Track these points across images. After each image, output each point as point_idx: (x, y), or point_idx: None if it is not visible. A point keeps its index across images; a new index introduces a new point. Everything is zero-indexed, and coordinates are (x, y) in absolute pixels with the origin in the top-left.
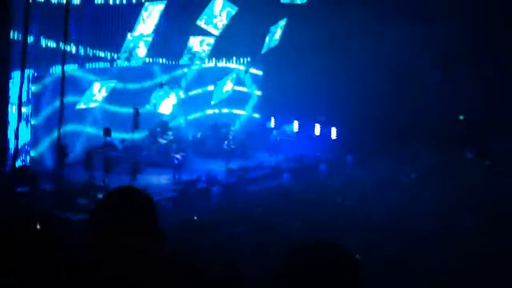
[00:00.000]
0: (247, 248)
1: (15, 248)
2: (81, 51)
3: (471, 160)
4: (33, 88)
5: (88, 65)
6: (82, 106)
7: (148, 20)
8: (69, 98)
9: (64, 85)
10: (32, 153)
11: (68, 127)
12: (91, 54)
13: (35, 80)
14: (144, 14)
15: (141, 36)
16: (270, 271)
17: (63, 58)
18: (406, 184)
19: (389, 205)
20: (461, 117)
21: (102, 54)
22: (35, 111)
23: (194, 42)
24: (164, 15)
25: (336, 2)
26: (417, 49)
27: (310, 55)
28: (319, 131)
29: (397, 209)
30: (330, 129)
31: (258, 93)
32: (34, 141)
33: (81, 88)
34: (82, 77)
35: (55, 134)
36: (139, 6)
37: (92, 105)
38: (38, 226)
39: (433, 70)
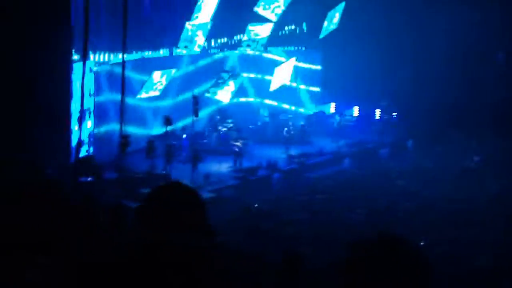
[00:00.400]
0: (309, 235)
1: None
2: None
3: None
4: (94, 76)
5: (148, 55)
6: (143, 95)
7: (206, 8)
8: (130, 88)
9: (125, 74)
10: (96, 143)
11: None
12: (150, 43)
13: (96, 71)
14: (201, 1)
15: (199, 24)
16: (331, 260)
17: (123, 47)
18: (469, 168)
19: (451, 190)
20: None
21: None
22: (98, 99)
23: (253, 29)
24: (221, 2)
25: None
26: (479, 31)
27: (369, 40)
28: (380, 115)
29: (460, 195)
30: (391, 114)
31: (317, 89)
32: (97, 131)
33: (140, 78)
34: (142, 67)
35: (117, 123)
36: None
37: (152, 93)
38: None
39: (496, 51)
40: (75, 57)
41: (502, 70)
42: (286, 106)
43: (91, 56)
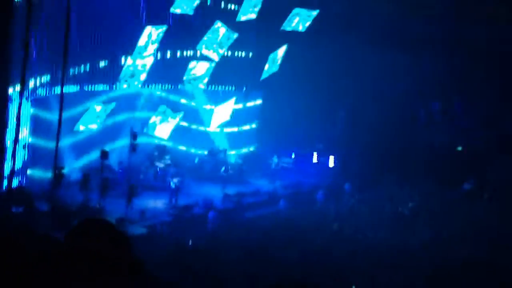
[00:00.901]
0: (240, 276)
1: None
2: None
3: (469, 191)
4: (31, 109)
5: (88, 88)
6: (81, 127)
7: (149, 44)
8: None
9: (63, 106)
10: (29, 174)
11: (66, 149)
12: (90, 76)
13: (33, 100)
14: (144, 37)
15: (142, 59)
16: None
17: (62, 79)
18: (403, 214)
19: (385, 236)
20: (459, 148)
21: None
22: (33, 131)
23: (194, 67)
24: (164, 39)
25: (336, 31)
26: (416, 80)
27: (308, 84)
28: (317, 159)
29: (394, 240)
30: (328, 157)
31: (254, 125)
32: (31, 162)
33: (79, 110)
34: (81, 100)
35: (52, 155)
36: (139, 29)
37: (91, 126)
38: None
39: (432, 100)
40: (11, 89)
41: (436, 116)
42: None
43: (31, 82)
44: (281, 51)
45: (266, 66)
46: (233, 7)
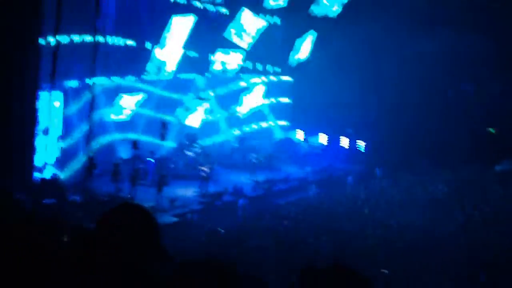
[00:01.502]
0: (272, 262)
1: (40, 262)
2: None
3: (502, 173)
4: (61, 102)
5: (117, 79)
6: (112, 117)
7: (177, 35)
8: (99, 111)
9: (94, 97)
10: (61, 166)
11: (98, 140)
12: (119, 67)
13: (65, 92)
14: (172, 27)
15: (169, 50)
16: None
17: (93, 69)
18: (436, 198)
19: (417, 220)
20: (492, 130)
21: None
22: (65, 124)
23: (221, 57)
24: (194, 28)
25: (366, 15)
26: (449, 62)
27: (338, 69)
28: (348, 143)
29: (426, 224)
30: (358, 142)
31: (288, 100)
32: (64, 154)
33: (109, 101)
34: (111, 91)
35: (84, 147)
36: (167, 19)
37: (121, 117)
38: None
39: (465, 82)
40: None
41: (471, 101)
42: (255, 126)
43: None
44: (310, 37)
45: (296, 56)
46: None
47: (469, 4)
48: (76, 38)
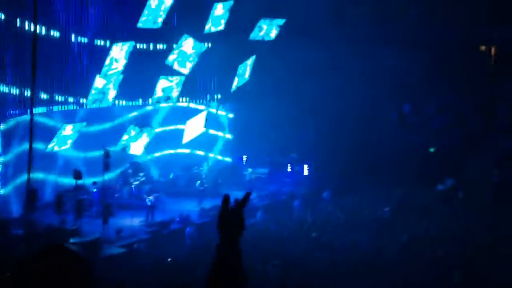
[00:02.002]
0: None
1: None
2: (49, 94)
3: (443, 192)
4: (2, 133)
5: (57, 108)
6: (55, 148)
7: (117, 61)
8: (38, 142)
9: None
10: (2, 199)
11: (38, 171)
12: (59, 98)
13: (3, 123)
14: (112, 55)
15: (110, 76)
16: None
17: (32, 101)
18: (381, 218)
19: (364, 241)
20: (432, 149)
21: (71, 99)
22: (3, 155)
23: (162, 84)
24: (132, 55)
25: (303, 38)
26: (387, 82)
27: (277, 93)
28: (291, 168)
29: (373, 244)
30: (302, 166)
31: (229, 136)
32: (3, 187)
33: (50, 131)
34: (51, 121)
35: (24, 178)
36: (107, 47)
37: (63, 147)
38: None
39: (404, 102)
40: None
41: (409, 120)
42: (200, 152)
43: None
44: (250, 61)
45: (236, 79)
46: (200, 16)
47: (407, 23)
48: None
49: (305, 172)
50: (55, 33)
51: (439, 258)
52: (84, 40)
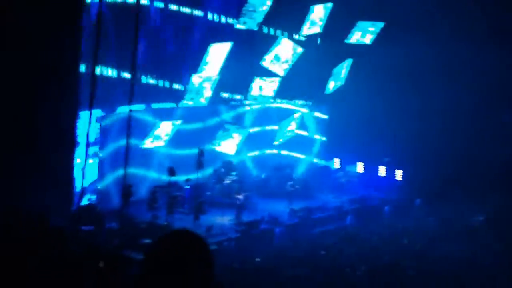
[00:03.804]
0: None
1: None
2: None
3: None
4: (100, 126)
5: (154, 105)
6: (149, 145)
7: (214, 61)
8: (134, 138)
9: (130, 124)
10: (98, 192)
11: (133, 167)
12: (157, 94)
13: (102, 119)
14: (209, 54)
15: (207, 77)
16: None
17: (130, 97)
18: (474, 227)
19: (455, 250)
20: None
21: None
22: (102, 150)
23: (258, 84)
24: (230, 55)
25: (400, 42)
26: (486, 90)
27: (375, 96)
28: (385, 172)
29: (465, 254)
30: (395, 171)
31: (323, 138)
32: (101, 180)
33: (146, 128)
34: (148, 117)
35: (121, 173)
36: (205, 46)
37: (158, 144)
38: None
39: (502, 110)
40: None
41: (509, 128)
42: (294, 154)
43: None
44: (346, 65)
45: (332, 83)
46: (298, 18)
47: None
48: (114, 72)
49: (398, 177)
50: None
51: None
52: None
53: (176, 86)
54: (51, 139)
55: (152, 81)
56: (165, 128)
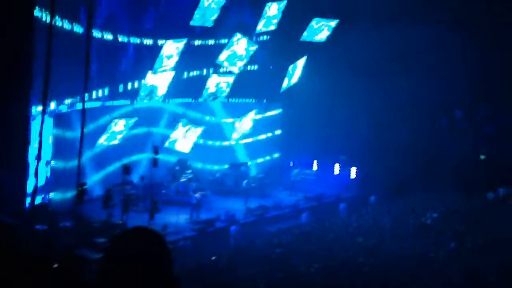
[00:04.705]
0: None
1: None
2: (103, 87)
3: (493, 200)
4: (53, 126)
5: (109, 103)
6: (104, 142)
7: (168, 59)
8: (88, 136)
9: (85, 122)
10: (52, 191)
11: (87, 165)
12: (112, 92)
13: (55, 117)
14: (164, 52)
15: (161, 74)
16: None
17: (83, 95)
18: (427, 225)
19: (410, 248)
20: (483, 157)
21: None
22: (55, 148)
23: (214, 81)
24: (184, 53)
25: (356, 40)
26: (438, 88)
27: (329, 94)
28: (339, 170)
29: (419, 251)
30: (350, 169)
31: (278, 132)
32: (54, 179)
33: (101, 125)
34: (102, 115)
35: (74, 172)
36: (160, 44)
37: (113, 142)
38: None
39: (454, 108)
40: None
41: (460, 126)
42: (248, 151)
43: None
44: (301, 62)
45: (287, 80)
46: (252, 15)
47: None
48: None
49: (353, 175)
50: (108, 36)
51: (486, 268)
52: (136, 39)
53: (131, 84)
54: (2, 138)
55: (108, 76)
56: (120, 126)
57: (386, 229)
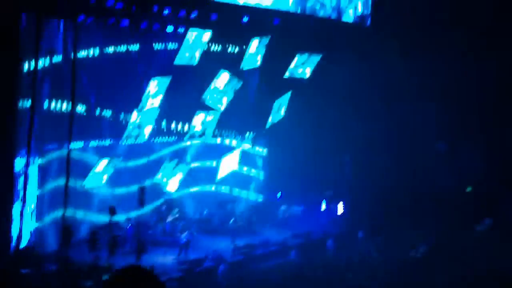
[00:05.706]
0: None
1: None
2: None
3: (483, 232)
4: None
5: (93, 143)
6: (89, 184)
7: (153, 97)
8: (73, 178)
9: (70, 164)
10: (37, 234)
11: (73, 207)
12: (96, 132)
13: (40, 157)
14: (150, 90)
15: (146, 112)
16: None
17: (69, 136)
18: (416, 259)
19: (398, 282)
20: (469, 189)
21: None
22: (40, 189)
23: (202, 116)
24: (169, 91)
25: (339, 77)
26: (421, 122)
27: (314, 130)
28: (326, 206)
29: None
30: (337, 204)
31: (262, 173)
32: (39, 222)
33: (86, 167)
34: (87, 155)
35: (60, 214)
36: (146, 81)
37: (98, 182)
38: None
39: (438, 141)
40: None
41: (444, 159)
42: (234, 190)
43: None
44: (285, 98)
45: (271, 117)
46: (236, 52)
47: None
48: (53, 104)
49: (340, 211)
50: None
51: None
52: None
53: (118, 120)
54: None
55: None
56: (105, 166)
57: (375, 265)
